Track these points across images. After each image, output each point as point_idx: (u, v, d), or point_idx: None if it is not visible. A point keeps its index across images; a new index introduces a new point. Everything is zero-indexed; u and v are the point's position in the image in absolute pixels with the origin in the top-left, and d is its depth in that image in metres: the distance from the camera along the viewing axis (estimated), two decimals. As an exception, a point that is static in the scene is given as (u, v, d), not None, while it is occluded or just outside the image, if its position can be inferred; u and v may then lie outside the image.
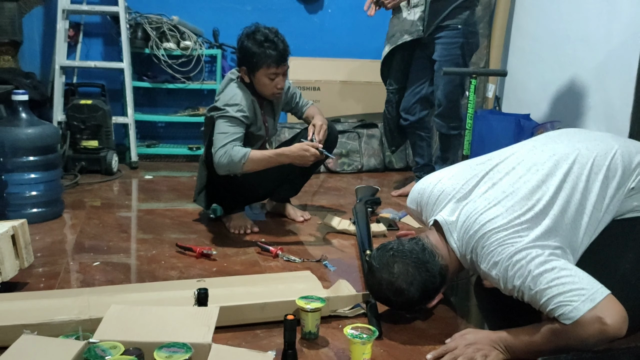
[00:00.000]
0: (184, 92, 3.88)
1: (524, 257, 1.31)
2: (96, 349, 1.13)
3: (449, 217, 1.50)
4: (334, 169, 3.66)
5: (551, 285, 1.26)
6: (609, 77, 2.99)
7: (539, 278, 1.28)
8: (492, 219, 1.39)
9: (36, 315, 1.38)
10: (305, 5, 4.01)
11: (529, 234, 1.34)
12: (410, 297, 1.45)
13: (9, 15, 3.31)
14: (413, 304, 1.50)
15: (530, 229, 1.35)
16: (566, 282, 1.25)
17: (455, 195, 1.52)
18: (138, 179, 3.30)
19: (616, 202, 1.45)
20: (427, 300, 1.52)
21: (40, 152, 2.35)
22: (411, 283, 1.44)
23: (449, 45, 2.72)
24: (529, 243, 1.32)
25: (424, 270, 1.45)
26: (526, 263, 1.30)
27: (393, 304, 1.52)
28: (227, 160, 2.06)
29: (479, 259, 1.40)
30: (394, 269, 1.45)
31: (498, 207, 1.40)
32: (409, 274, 1.44)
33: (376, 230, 2.32)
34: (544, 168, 1.46)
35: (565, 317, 1.24)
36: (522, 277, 1.30)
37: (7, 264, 1.60)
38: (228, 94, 2.19)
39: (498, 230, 1.36)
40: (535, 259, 1.29)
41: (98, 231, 2.30)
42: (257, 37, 2.15)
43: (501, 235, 1.35)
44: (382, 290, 1.48)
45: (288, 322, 1.30)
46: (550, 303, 1.26)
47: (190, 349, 1.13)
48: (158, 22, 3.62)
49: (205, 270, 1.92)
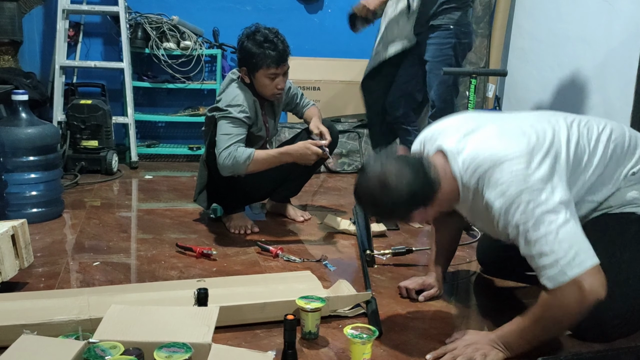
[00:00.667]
0: (184, 92, 3.88)
1: (533, 198, 1.27)
2: (96, 349, 1.13)
3: (455, 144, 1.44)
4: (334, 169, 3.66)
5: (548, 240, 1.25)
6: (609, 77, 2.98)
7: (539, 225, 1.26)
8: (507, 151, 1.34)
9: (36, 315, 1.38)
10: (305, 5, 4.01)
11: (542, 174, 1.31)
12: (396, 196, 1.35)
13: (9, 15, 3.32)
14: (396, 208, 1.39)
15: (544, 170, 1.32)
16: (562, 238, 1.25)
17: (463, 129, 1.47)
18: (138, 179, 3.30)
19: (613, 165, 1.47)
20: (411, 208, 1.40)
21: (40, 152, 2.35)
22: (401, 181, 1.35)
23: (441, 46, 2.71)
24: (541, 183, 1.29)
25: (417, 173, 1.37)
26: (534, 205, 1.27)
27: (376, 204, 1.40)
28: (232, 162, 2.06)
29: (485, 187, 1.34)
30: (386, 166, 1.38)
31: (511, 141, 1.37)
32: (401, 172, 1.36)
33: (376, 230, 2.32)
34: (555, 118, 1.48)
35: (546, 278, 1.26)
36: (524, 215, 1.27)
37: (7, 263, 1.60)
38: (230, 95, 2.19)
39: (512, 162, 1.32)
40: (544, 204, 1.27)
41: (98, 231, 2.30)
42: (257, 37, 2.15)
43: (516, 169, 1.31)
44: (368, 186, 1.39)
45: (288, 322, 1.30)
46: (539, 258, 1.27)
47: (190, 349, 1.12)
48: (158, 22, 3.62)
49: (205, 270, 1.92)
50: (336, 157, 3.64)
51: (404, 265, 2.04)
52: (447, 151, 1.44)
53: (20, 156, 2.30)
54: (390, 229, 2.40)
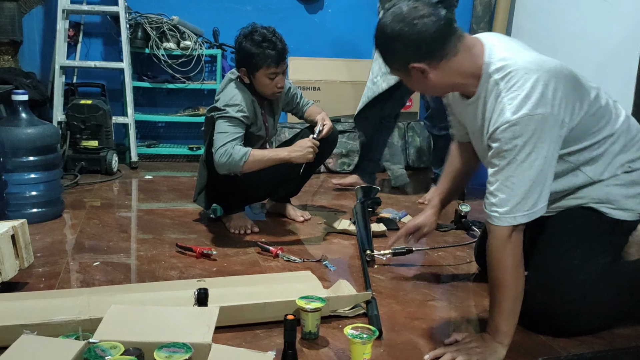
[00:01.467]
0: (184, 92, 3.88)
1: (539, 137, 1.26)
2: (96, 349, 1.12)
3: (497, 40, 1.41)
4: (334, 169, 3.66)
5: (509, 178, 1.28)
6: (609, 77, 2.98)
7: (513, 161, 1.28)
8: (564, 72, 1.34)
9: (36, 315, 1.38)
10: (305, 4, 4.01)
11: (573, 123, 1.35)
12: (405, 31, 1.31)
13: (9, 15, 3.32)
14: (398, 45, 1.34)
15: (576, 120, 1.36)
16: (517, 184, 1.28)
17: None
18: (138, 179, 3.30)
19: (621, 141, 1.48)
20: (413, 55, 1.34)
21: (40, 152, 2.35)
22: (415, 17, 1.31)
23: None
24: (554, 113, 1.28)
25: (438, 22, 1.31)
26: (530, 148, 1.27)
27: (383, 33, 1.36)
28: (228, 160, 2.06)
29: (509, 90, 1.30)
30: (415, 3, 1.34)
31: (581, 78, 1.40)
32: (422, 12, 1.31)
33: (376, 230, 2.32)
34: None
35: (488, 214, 1.33)
36: (511, 139, 1.27)
37: (7, 264, 1.60)
38: (228, 94, 2.19)
39: (559, 84, 1.30)
40: (538, 151, 1.27)
41: (98, 231, 2.30)
42: (255, 37, 2.15)
43: (560, 94, 1.30)
44: (386, 15, 1.36)
45: (288, 322, 1.30)
46: (492, 192, 1.32)
47: (190, 349, 1.12)
48: (158, 22, 3.62)
49: (205, 271, 1.91)
50: (336, 157, 3.64)
51: (404, 266, 2.04)
52: (486, 43, 1.39)
53: (20, 156, 2.30)
54: (390, 229, 2.40)
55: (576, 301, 1.44)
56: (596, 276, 1.46)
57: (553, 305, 1.45)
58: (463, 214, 2.46)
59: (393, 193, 3.15)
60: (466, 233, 2.44)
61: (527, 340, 1.48)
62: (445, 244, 2.28)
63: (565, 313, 1.45)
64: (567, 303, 1.44)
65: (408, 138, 3.88)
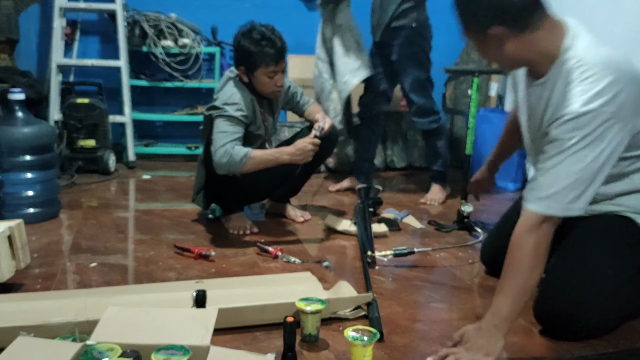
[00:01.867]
0: (182, 90, 3.86)
1: (600, 134, 1.24)
2: (93, 351, 1.11)
3: (589, 35, 1.36)
4: (334, 169, 3.64)
5: (556, 166, 1.27)
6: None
7: (566, 150, 1.26)
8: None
9: (32, 316, 1.37)
10: (304, 2, 3.99)
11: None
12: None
13: (5, 13, 3.29)
14: (481, 6, 1.29)
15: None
16: (562, 174, 1.26)
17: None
18: (135, 179, 3.28)
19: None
20: (495, 18, 1.28)
21: (37, 152, 2.34)
22: None
23: (408, 45, 2.77)
24: (622, 117, 1.26)
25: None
26: (591, 138, 1.24)
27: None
28: (228, 160, 2.04)
29: (580, 79, 1.27)
30: None
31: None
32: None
33: (377, 231, 2.31)
34: None
35: (524, 195, 1.34)
36: (572, 130, 1.25)
37: (4, 264, 1.59)
38: (227, 93, 2.17)
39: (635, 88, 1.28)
40: (596, 145, 1.25)
41: (95, 232, 2.28)
42: (254, 35, 2.13)
43: (635, 96, 1.28)
44: None
45: (288, 324, 1.29)
46: (536, 176, 1.32)
47: (188, 352, 1.11)
48: (156, 20, 3.60)
49: (203, 272, 1.90)
50: (336, 156, 3.63)
51: (405, 267, 2.02)
52: (571, 26, 1.34)
53: (16, 156, 2.29)
54: (392, 230, 2.39)
55: (601, 309, 1.42)
56: (623, 285, 1.44)
57: (576, 310, 1.42)
58: (465, 214, 2.44)
59: (395, 193, 3.14)
60: (468, 234, 2.42)
61: (529, 342, 1.47)
62: (447, 245, 2.27)
63: (587, 319, 1.43)
64: (591, 310, 1.42)
65: (410, 137, 3.87)
